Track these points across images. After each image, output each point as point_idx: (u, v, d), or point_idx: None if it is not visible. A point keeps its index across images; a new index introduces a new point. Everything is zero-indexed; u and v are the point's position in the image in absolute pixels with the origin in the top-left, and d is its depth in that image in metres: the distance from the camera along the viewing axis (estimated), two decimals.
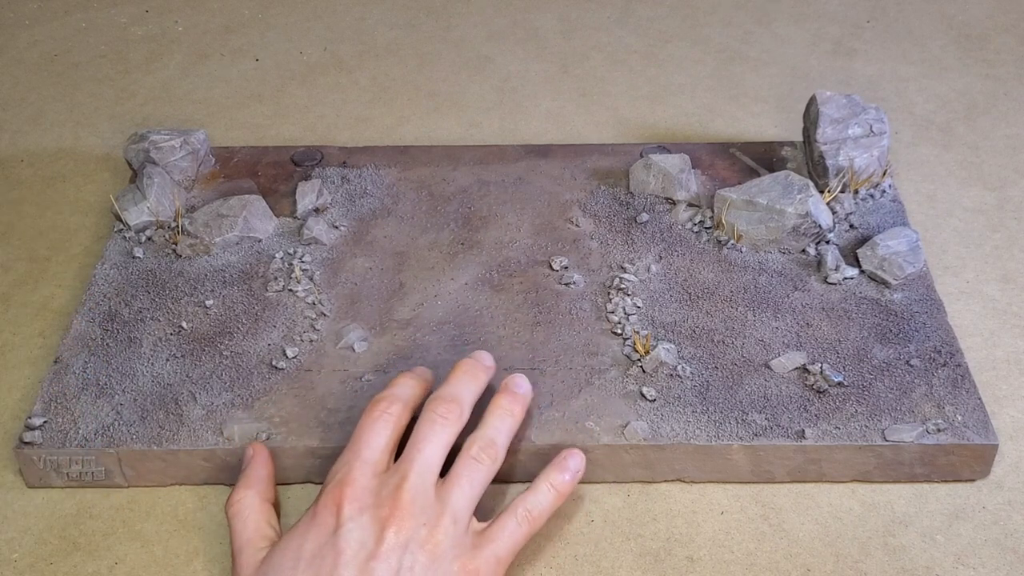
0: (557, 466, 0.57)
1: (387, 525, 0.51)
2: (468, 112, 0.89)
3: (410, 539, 0.51)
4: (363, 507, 0.52)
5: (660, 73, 0.93)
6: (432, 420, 0.55)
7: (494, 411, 0.57)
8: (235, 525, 0.55)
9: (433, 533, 0.52)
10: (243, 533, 0.55)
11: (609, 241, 0.72)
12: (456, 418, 0.56)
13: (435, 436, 0.55)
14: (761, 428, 0.60)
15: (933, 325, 0.65)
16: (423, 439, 0.55)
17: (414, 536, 0.51)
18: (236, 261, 0.71)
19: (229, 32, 0.99)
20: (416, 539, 0.51)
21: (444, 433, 0.55)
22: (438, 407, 0.56)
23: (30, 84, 0.93)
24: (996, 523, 0.59)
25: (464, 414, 0.57)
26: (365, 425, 0.56)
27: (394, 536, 0.51)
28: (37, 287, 0.74)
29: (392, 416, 0.56)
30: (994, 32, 0.96)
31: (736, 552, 0.58)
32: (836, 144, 0.73)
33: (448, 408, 0.56)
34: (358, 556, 0.50)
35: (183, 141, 0.76)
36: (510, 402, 0.58)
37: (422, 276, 0.70)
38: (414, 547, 0.51)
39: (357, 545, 0.51)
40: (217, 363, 0.64)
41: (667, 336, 0.65)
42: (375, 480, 0.53)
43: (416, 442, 0.55)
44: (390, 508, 0.52)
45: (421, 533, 0.52)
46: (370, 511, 0.52)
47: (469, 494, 0.54)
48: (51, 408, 0.62)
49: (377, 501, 0.52)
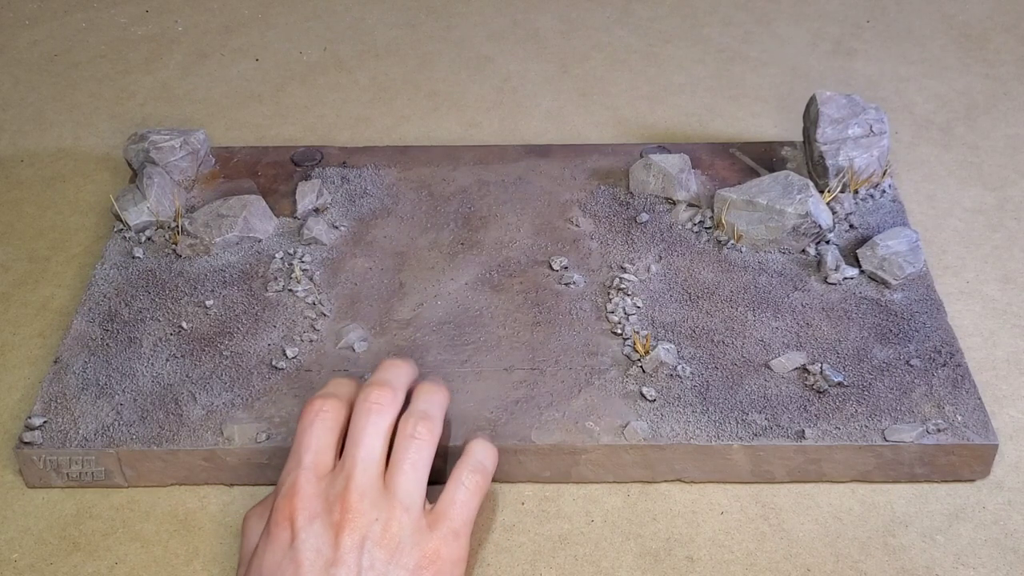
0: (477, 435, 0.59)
1: (341, 529, 0.51)
2: (468, 112, 0.89)
3: (365, 538, 0.51)
4: (313, 515, 0.52)
5: (660, 73, 0.93)
6: (367, 410, 0.55)
7: (419, 389, 0.57)
8: (242, 539, 0.55)
9: (388, 527, 0.52)
10: (242, 550, 0.55)
11: (609, 241, 0.72)
12: (390, 402, 0.55)
13: (372, 425, 0.54)
14: (761, 428, 0.60)
15: (933, 325, 0.65)
16: (360, 431, 0.54)
17: (369, 534, 0.51)
18: (236, 261, 0.71)
19: (229, 32, 0.99)
20: (371, 537, 0.51)
21: (380, 420, 0.54)
22: (370, 394, 0.55)
23: (30, 84, 0.93)
24: (996, 523, 0.59)
25: (399, 396, 0.56)
26: (301, 429, 0.55)
27: (349, 538, 0.51)
28: (37, 287, 0.74)
29: (328, 414, 0.55)
30: (994, 32, 0.96)
31: (736, 552, 0.58)
32: (836, 144, 0.73)
33: (380, 393, 0.55)
34: (316, 565, 0.50)
35: (183, 141, 0.76)
36: (432, 381, 0.58)
37: (422, 276, 0.70)
38: (371, 545, 0.51)
39: (314, 554, 0.50)
40: (217, 363, 0.64)
41: (667, 336, 0.65)
42: (321, 484, 0.53)
43: (354, 436, 0.54)
44: (340, 511, 0.51)
45: (375, 530, 0.51)
46: (321, 518, 0.51)
47: (414, 477, 0.53)
48: (51, 408, 0.62)
49: (327, 506, 0.52)
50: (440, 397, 0.57)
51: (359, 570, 0.50)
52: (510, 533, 0.59)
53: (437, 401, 0.57)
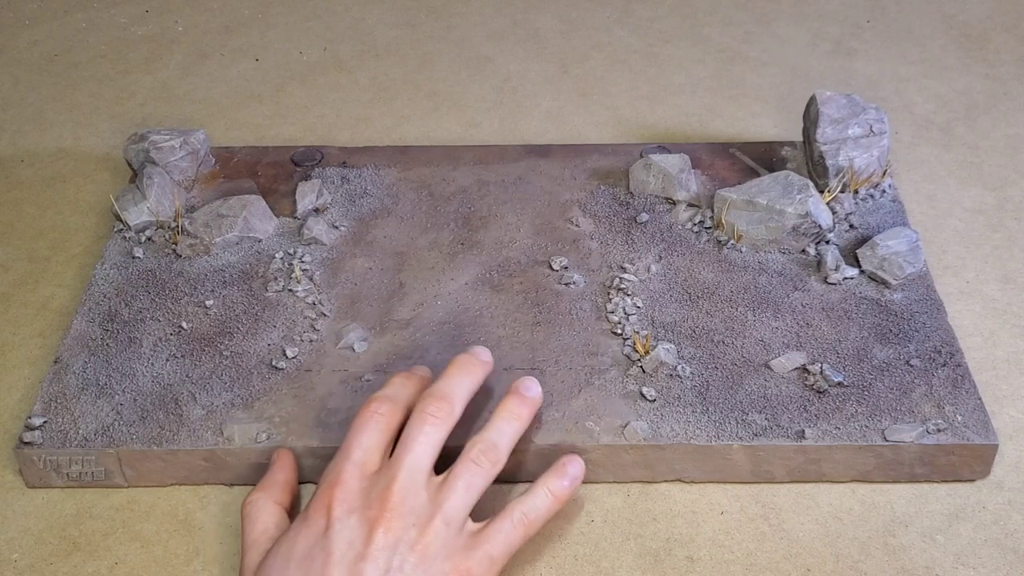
0: (556, 471, 0.57)
1: (376, 526, 0.51)
2: (468, 112, 0.89)
3: (399, 539, 0.51)
4: (352, 508, 0.52)
5: (660, 73, 0.93)
6: (422, 419, 0.55)
7: (500, 413, 0.57)
8: (244, 526, 0.56)
9: (423, 534, 0.52)
10: (251, 534, 0.55)
11: (609, 241, 0.72)
12: (446, 416, 0.56)
13: (424, 435, 0.55)
14: (761, 428, 0.60)
15: (933, 325, 0.65)
16: (412, 439, 0.55)
17: (403, 537, 0.51)
18: (236, 261, 0.71)
19: (229, 32, 0.99)
20: (406, 540, 0.51)
21: (434, 432, 0.55)
22: (428, 406, 0.56)
23: (30, 84, 0.93)
24: (996, 523, 0.59)
25: (455, 411, 0.56)
26: (356, 427, 0.56)
27: (383, 536, 0.51)
28: (37, 287, 0.74)
29: (383, 417, 0.56)
30: (994, 32, 0.96)
31: (736, 552, 0.58)
32: (836, 144, 0.73)
33: (438, 406, 0.56)
34: (347, 557, 0.51)
35: (183, 141, 0.76)
36: (518, 405, 0.58)
37: (422, 276, 0.70)
38: (403, 548, 0.51)
39: (346, 546, 0.51)
40: (217, 363, 0.64)
41: (667, 336, 0.65)
42: (365, 481, 0.53)
43: (405, 441, 0.55)
44: (379, 509, 0.52)
45: (411, 534, 0.52)
46: (359, 512, 0.52)
47: (464, 497, 0.54)
48: (51, 408, 0.62)
49: (366, 502, 0.52)
50: (515, 428, 0.57)
51: (388, 569, 0.50)
52: None
53: (510, 432, 0.57)
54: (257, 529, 0.55)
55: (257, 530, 0.55)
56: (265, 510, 0.56)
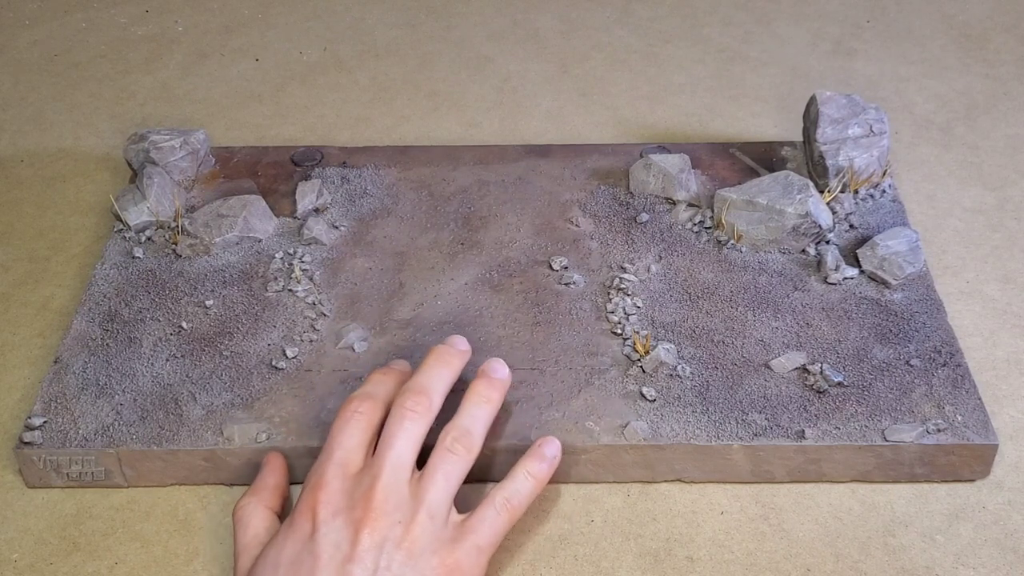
0: (534, 454, 0.57)
1: (361, 526, 0.51)
2: (468, 112, 0.89)
3: (385, 538, 0.51)
4: (337, 510, 0.52)
5: (660, 73, 0.93)
6: (401, 415, 0.55)
7: (470, 398, 0.57)
8: (236, 530, 0.56)
9: (409, 530, 0.52)
10: (242, 539, 0.55)
11: (609, 241, 0.72)
12: (425, 410, 0.56)
13: (404, 431, 0.55)
14: (761, 428, 0.60)
15: (933, 325, 0.65)
16: (392, 435, 0.54)
17: (389, 535, 0.51)
18: (236, 261, 0.71)
19: (229, 32, 0.99)
20: (392, 538, 0.51)
21: (414, 427, 0.55)
22: (406, 400, 0.56)
23: (30, 84, 0.93)
24: (996, 523, 0.59)
25: (434, 405, 0.56)
26: (336, 427, 0.55)
27: (368, 537, 0.51)
28: (37, 287, 0.74)
29: (363, 415, 0.56)
30: (994, 32, 0.96)
31: (736, 552, 0.58)
32: (836, 144, 0.73)
33: (416, 400, 0.56)
34: (334, 560, 0.50)
35: (183, 141, 0.76)
36: (487, 388, 0.58)
37: (422, 276, 0.70)
38: (390, 546, 0.51)
39: (332, 548, 0.51)
40: (217, 363, 0.64)
41: (667, 336, 0.65)
42: (348, 482, 0.53)
43: (386, 439, 0.54)
44: (363, 509, 0.52)
45: (396, 531, 0.52)
46: (344, 514, 0.52)
47: (445, 488, 0.54)
48: (51, 408, 0.62)
49: (350, 503, 0.52)
50: (486, 412, 0.57)
51: (375, 569, 0.50)
52: (510, 533, 0.58)
53: (482, 417, 0.57)
54: (248, 534, 0.55)
55: (248, 535, 0.55)
56: (256, 515, 0.56)
